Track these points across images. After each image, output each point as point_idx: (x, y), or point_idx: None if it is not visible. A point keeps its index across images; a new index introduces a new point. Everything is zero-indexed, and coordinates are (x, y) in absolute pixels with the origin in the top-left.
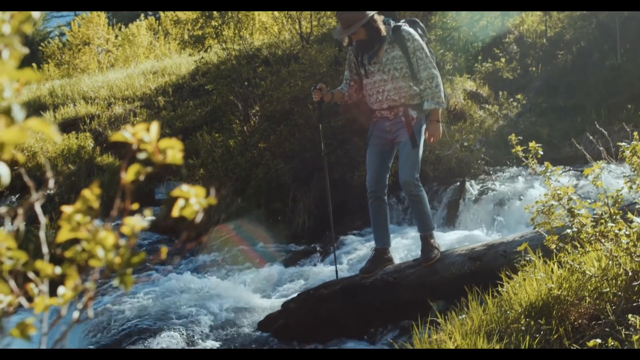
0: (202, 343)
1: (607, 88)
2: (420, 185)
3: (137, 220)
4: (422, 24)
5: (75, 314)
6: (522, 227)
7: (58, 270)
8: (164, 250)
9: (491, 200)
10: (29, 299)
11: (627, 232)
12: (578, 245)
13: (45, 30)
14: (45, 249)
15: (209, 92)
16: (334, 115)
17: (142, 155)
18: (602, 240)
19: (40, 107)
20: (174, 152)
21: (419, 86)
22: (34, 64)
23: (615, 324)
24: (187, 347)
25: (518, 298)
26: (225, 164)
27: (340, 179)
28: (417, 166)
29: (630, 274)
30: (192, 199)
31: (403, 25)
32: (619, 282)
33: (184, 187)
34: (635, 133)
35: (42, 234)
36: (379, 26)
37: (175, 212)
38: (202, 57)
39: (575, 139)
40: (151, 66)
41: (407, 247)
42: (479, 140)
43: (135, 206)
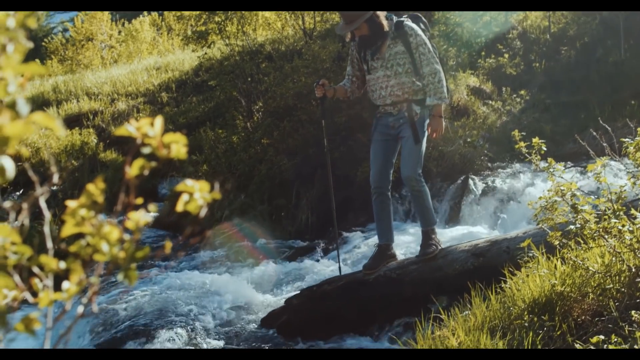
0: (205, 339)
1: (610, 84)
2: (423, 180)
3: (142, 215)
4: (425, 19)
5: (80, 309)
6: (525, 223)
7: (62, 265)
8: (168, 245)
9: (494, 197)
10: (34, 293)
11: (630, 228)
12: (581, 242)
13: (49, 26)
14: (49, 244)
15: (212, 88)
16: (337, 111)
17: (146, 150)
18: (606, 237)
19: (44, 103)
20: (178, 146)
21: (422, 81)
22: (38, 60)
23: (619, 321)
24: (190, 344)
25: (521, 294)
26: (228, 160)
27: (343, 175)
28: (419, 161)
29: (633, 270)
30: (196, 193)
31: (406, 21)
32: (622, 279)
33: (188, 182)
34: (639, 129)
35: (46, 229)
36: (382, 22)
37: (180, 207)
38: (205, 53)
39: (578, 135)
40: (154, 62)
41: (410, 243)
42: (482, 136)
43: (140, 201)
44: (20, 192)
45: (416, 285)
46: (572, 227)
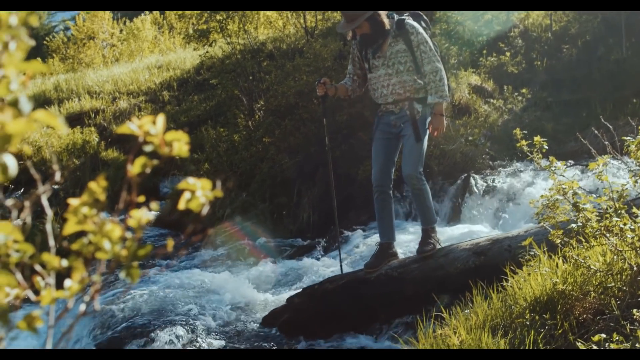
0: (206, 338)
1: (612, 82)
2: (424, 179)
3: (144, 213)
4: (426, 17)
5: (82, 307)
6: (526, 221)
7: (64, 262)
8: (170, 242)
9: (496, 195)
10: (36, 291)
11: (632, 227)
12: (583, 240)
13: (50, 24)
14: (51, 242)
15: (214, 86)
16: (338, 110)
17: (148, 148)
18: (607, 235)
19: (45, 101)
20: (180, 144)
21: (424, 80)
22: (39, 59)
23: (620, 319)
24: (191, 343)
25: (523, 293)
26: (229, 159)
27: (344, 174)
28: (420, 160)
29: (635, 268)
30: (198, 191)
31: (407, 19)
32: (624, 277)
33: (190, 180)
34: None
35: (48, 227)
36: (383, 20)
37: (182, 205)
38: (206, 52)
39: (580, 134)
40: (156, 60)
41: (411, 242)
42: (484, 135)
43: (142, 198)
44: (21, 191)
45: (417, 284)
46: (573, 225)
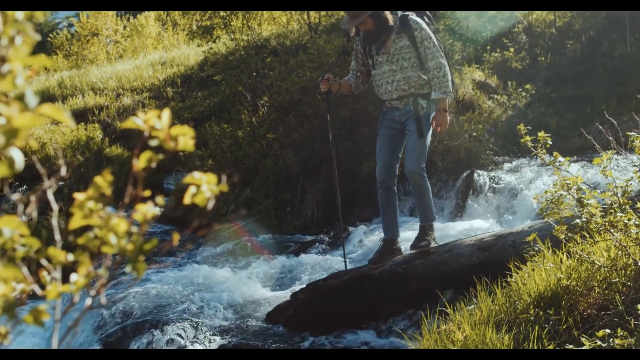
0: (210, 334)
1: (616, 78)
2: (425, 175)
3: (149, 207)
4: (429, 13)
5: (88, 301)
6: (530, 217)
7: (70, 257)
8: (176, 237)
9: (499, 191)
10: (42, 286)
11: (636, 222)
12: (587, 235)
13: (54, 21)
14: (57, 236)
15: (218, 82)
16: (342, 106)
17: (153, 143)
18: (612, 230)
19: (49, 98)
20: (185, 139)
21: (428, 75)
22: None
23: (625, 314)
24: (195, 339)
25: (527, 288)
26: (233, 155)
27: (348, 170)
28: (423, 156)
29: (639, 264)
30: (203, 185)
31: (410, 15)
32: (628, 272)
33: (196, 174)
34: None
35: (54, 221)
36: (387, 16)
37: (187, 199)
38: (210, 48)
39: (584, 129)
40: (159, 57)
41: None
42: (488, 131)
43: (147, 193)
44: (25, 187)
45: (422, 280)
46: (577, 221)
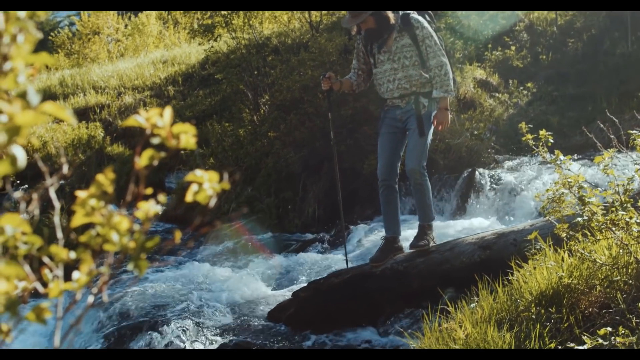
0: (213, 333)
1: (617, 76)
2: (426, 174)
3: (151, 205)
4: (431, 11)
5: (90, 299)
6: (532, 215)
7: (72, 255)
8: (178, 234)
9: (501, 189)
10: (44, 284)
11: (638, 221)
12: (589, 234)
13: (55, 20)
14: (59, 234)
15: (219, 81)
16: (343, 104)
17: (155, 140)
18: (613, 229)
19: (51, 96)
20: (187, 136)
21: (429, 74)
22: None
23: (626, 313)
24: (197, 337)
25: (528, 286)
26: (235, 153)
27: (350, 168)
28: (424, 154)
29: None
30: (205, 183)
31: (412, 13)
32: (629, 271)
33: (198, 172)
34: None
35: (56, 219)
36: (388, 15)
37: (189, 197)
38: (211, 46)
39: (585, 127)
40: (161, 55)
41: None
42: (489, 129)
43: (149, 191)
44: (26, 185)
45: (423, 278)
46: (579, 219)
